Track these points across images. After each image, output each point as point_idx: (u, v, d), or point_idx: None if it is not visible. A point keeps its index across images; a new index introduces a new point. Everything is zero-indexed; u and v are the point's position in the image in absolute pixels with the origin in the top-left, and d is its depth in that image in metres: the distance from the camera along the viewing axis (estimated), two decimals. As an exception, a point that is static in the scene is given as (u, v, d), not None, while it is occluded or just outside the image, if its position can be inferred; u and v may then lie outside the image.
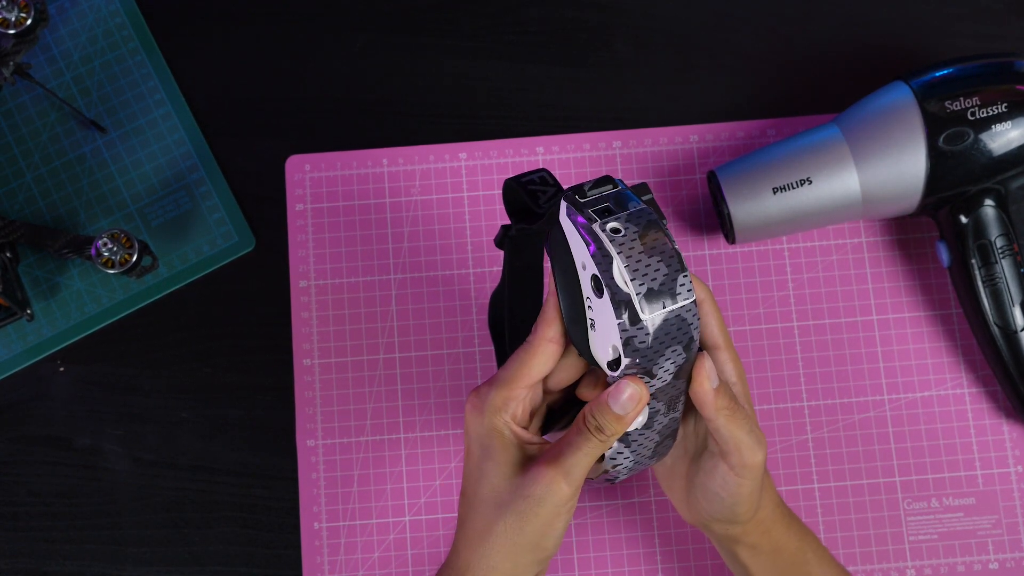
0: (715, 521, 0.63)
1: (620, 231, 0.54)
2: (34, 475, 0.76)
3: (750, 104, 0.81)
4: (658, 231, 0.55)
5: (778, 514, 0.64)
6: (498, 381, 0.59)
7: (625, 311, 0.53)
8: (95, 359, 0.78)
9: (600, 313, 0.55)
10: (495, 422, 0.58)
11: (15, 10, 0.71)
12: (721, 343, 0.60)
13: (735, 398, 0.59)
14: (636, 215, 0.55)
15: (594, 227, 0.54)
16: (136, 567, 0.75)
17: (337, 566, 0.75)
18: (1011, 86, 0.71)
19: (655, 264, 0.54)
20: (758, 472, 0.60)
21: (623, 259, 0.53)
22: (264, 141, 0.80)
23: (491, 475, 0.59)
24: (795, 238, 0.78)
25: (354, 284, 0.78)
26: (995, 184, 0.72)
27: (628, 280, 0.53)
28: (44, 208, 0.79)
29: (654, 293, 0.54)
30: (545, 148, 0.80)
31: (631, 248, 0.54)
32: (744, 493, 0.60)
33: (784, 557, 0.64)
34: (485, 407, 0.59)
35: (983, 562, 0.75)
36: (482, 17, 0.82)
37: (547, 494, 0.57)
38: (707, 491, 0.61)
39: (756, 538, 0.63)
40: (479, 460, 0.59)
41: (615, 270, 0.54)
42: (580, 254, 0.55)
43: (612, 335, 0.54)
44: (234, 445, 0.77)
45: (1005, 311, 0.72)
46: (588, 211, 0.55)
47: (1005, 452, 0.76)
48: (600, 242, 0.54)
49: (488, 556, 0.58)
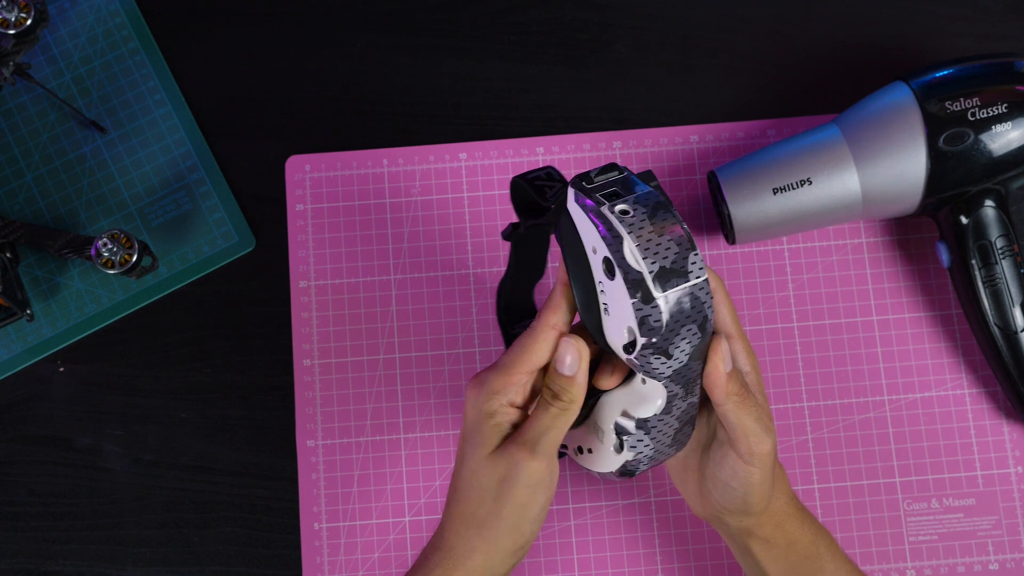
0: (728, 513, 0.63)
1: (629, 212, 0.54)
2: (34, 475, 0.76)
3: (750, 104, 0.81)
4: (667, 211, 0.55)
5: (792, 508, 0.64)
6: (499, 366, 0.59)
7: (639, 290, 0.53)
8: (95, 359, 0.78)
9: (613, 296, 0.55)
10: (491, 405, 0.59)
11: (15, 10, 0.71)
12: (734, 332, 0.61)
13: (746, 386, 0.59)
14: (644, 197, 0.55)
15: (603, 209, 0.54)
16: (136, 567, 0.75)
17: (337, 566, 0.75)
18: (1011, 86, 0.71)
19: (666, 243, 0.54)
20: (768, 460, 0.60)
21: (634, 238, 0.53)
22: (264, 141, 0.80)
23: (473, 458, 0.59)
24: (795, 238, 0.78)
25: (354, 284, 0.78)
26: (995, 185, 0.72)
27: (640, 259, 0.53)
28: (44, 208, 0.79)
29: (666, 272, 0.54)
30: (545, 148, 0.80)
31: (641, 228, 0.54)
32: (755, 482, 0.60)
33: (797, 551, 0.64)
34: (483, 390, 0.59)
35: (983, 563, 0.75)
36: (482, 17, 0.82)
37: (519, 472, 0.58)
38: (718, 481, 0.61)
39: (769, 531, 0.63)
40: (467, 442, 0.60)
41: (626, 250, 0.54)
42: (590, 238, 0.55)
43: (626, 316, 0.54)
44: (234, 445, 0.77)
45: (1005, 311, 0.72)
46: (596, 195, 0.55)
47: (1005, 452, 0.76)
48: (610, 223, 0.54)
49: (468, 539, 0.59)
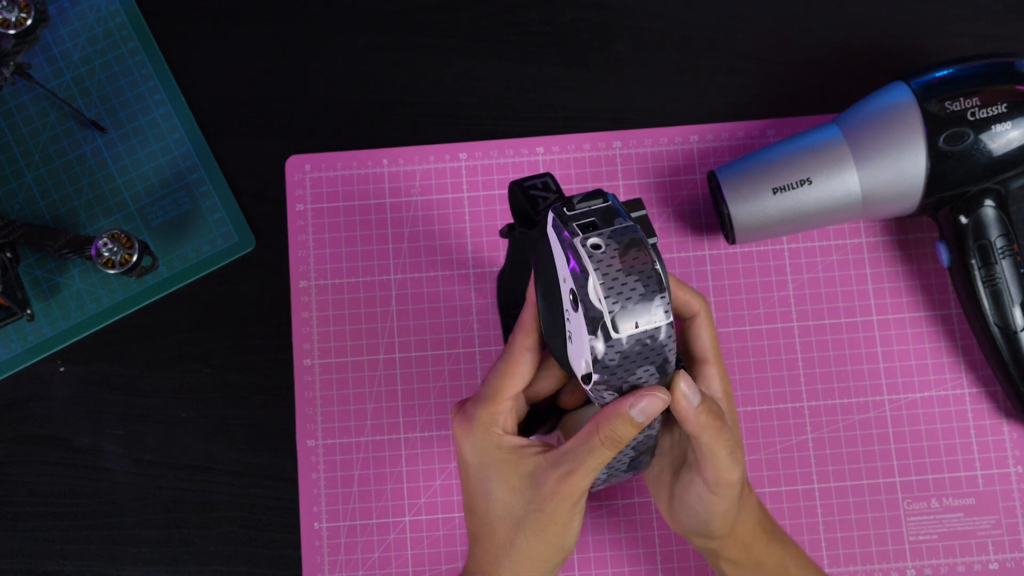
0: (693, 534, 0.63)
1: (600, 247, 0.53)
2: (34, 475, 0.76)
3: (750, 104, 0.81)
4: (640, 249, 0.54)
5: (759, 531, 0.64)
6: (483, 398, 0.59)
7: (597, 328, 0.53)
8: (95, 359, 0.78)
9: (576, 327, 0.55)
10: (489, 438, 0.59)
11: (15, 10, 0.71)
12: (711, 358, 0.60)
13: (721, 415, 0.58)
14: (620, 232, 0.54)
15: (575, 242, 0.54)
16: (136, 567, 0.75)
17: (337, 566, 0.75)
18: (1011, 86, 0.71)
19: (631, 283, 0.53)
20: (733, 491, 0.60)
21: (599, 276, 0.53)
22: (264, 141, 0.80)
23: (498, 491, 0.59)
24: (795, 238, 0.78)
25: (354, 284, 0.78)
26: (995, 184, 0.72)
27: (602, 298, 0.53)
28: (44, 208, 0.79)
29: (627, 312, 0.53)
30: (545, 148, 0.80)
31: (609, 266, 0.53)
32: (717, 511, 0.60)
33: (765, 571, 0.64)
34: (474, 425, 0.59)
35: (983, 562, 0.75)
36: (482, 17, 0.82)
37: (561, 506, 0.57)
38: (684, 504, 0.62)
39: (735, 553, 0.63)
40: (481, 477, 0.59)
41: (590, 287, 0.53)
42: (561, 268, 0.55)
43: (585, 350, 0.54)
44: (234, 445, 0.77)
45: (1005, 311, 0.72)
46: (572, 224, 0.54)
47: (1005, 452, 0.76)
48: (579, 257, 0.53)
49: (512, 568, 0.59)
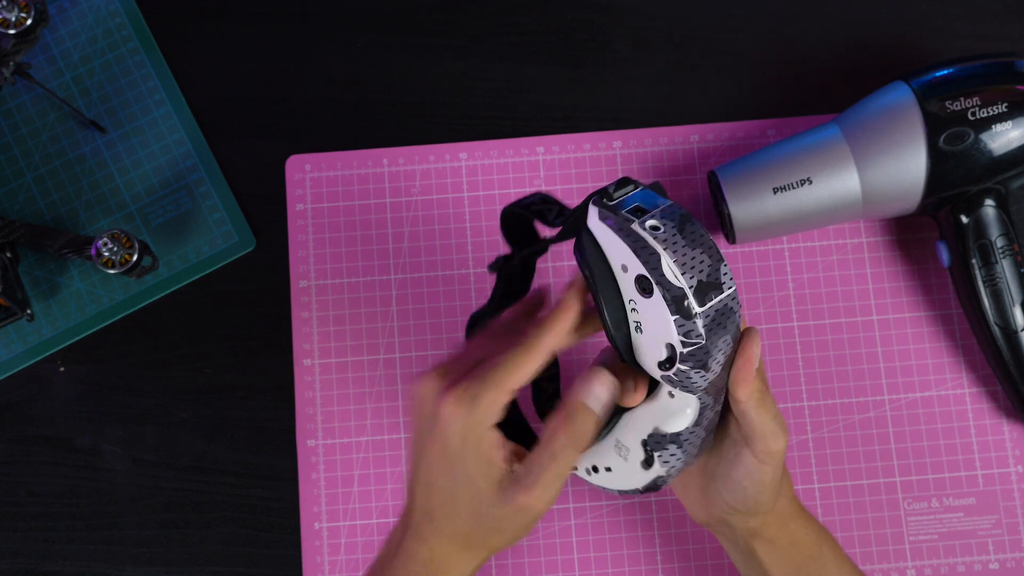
0: (735, 513, 0.62)
1: (660, 228, 0.54)
2: (34, 475, 0.76)
3: (750, 104, 0.81)
4: (693, 224, 0.54)
5: (795, 507, 0.64)
6: (490, 382, 0.57)
7: (679, 306, 0.53)
8: (95, 359, 0.78)
9: (648, 314, 0.54)
10: (486, 423, 0.57)
11: (15, 10, 0.71)
12: None
13: (767, 383, 0.59)
14: (668, 211, 0.54)
15: (633, 227, 0.54)
16: (136, 567, 0.75)
17: (337, 566, 0.75)
18: (1011, 86, 0.71)
19: (699, 256, 0.53)
20: (780, 459, 0.60)
21: (671, 254, 0.53)
22: (264, 141, 0.80)
23: (476, 477, 0.58)
24: (795, 238, 0.78)
25: (354, 284, 0.78)
26: (995, 184, 0.72)
27: (679, 275, 0.53)
28: (44, 208, 0.79)
29: (704, 285, 0.53)
30: (545, 148, 0.80)
31: (675, 243, 0.53)
32: (767, 481, 0.60)
33: (801, 551, 0.64)
34: (474, 406, 0.57)
35: (983, 562, 0.74)
36: (482, 17, 0.82)
37: (524, 522, 0.58)
38: (729, 481, 0.61)
39: (775, 531, 0.63)
40: (461, 454, 0.58)
41: (664, 266, 0.53)
42: (621, 256, 0.55)
43: (665, 333, 0.54)
44: (234, 445, 0.77)
45: (1005, 311, 0.72)
46: (622, 212, 0.54)
47: (1005, 452, 0.76)
48: (644, 240, 0.53)
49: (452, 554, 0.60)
